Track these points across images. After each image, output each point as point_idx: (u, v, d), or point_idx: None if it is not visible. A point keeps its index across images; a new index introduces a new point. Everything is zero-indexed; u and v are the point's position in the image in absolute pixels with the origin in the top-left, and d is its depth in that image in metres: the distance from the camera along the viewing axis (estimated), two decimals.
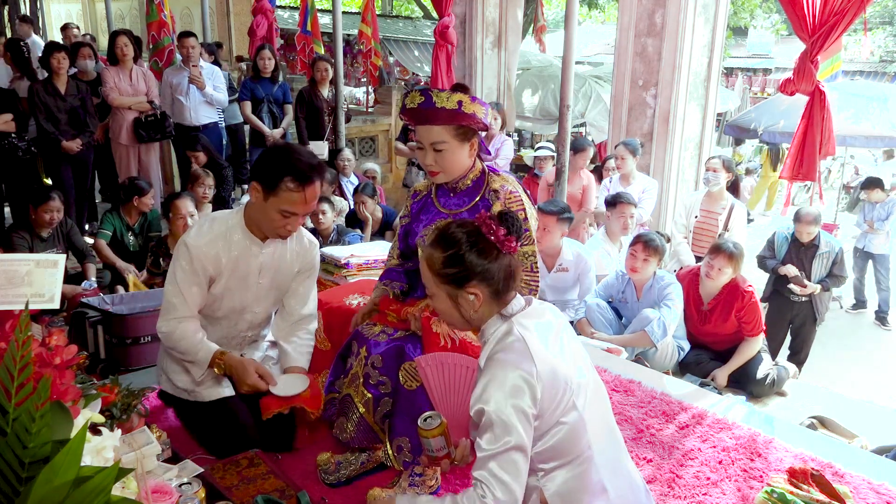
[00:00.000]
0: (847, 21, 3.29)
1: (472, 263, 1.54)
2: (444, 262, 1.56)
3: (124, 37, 5.52)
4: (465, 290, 1.55)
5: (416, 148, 2.17)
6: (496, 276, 1.54)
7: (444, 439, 1.65)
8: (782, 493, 2.05)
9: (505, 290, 1.57)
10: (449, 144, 2.07)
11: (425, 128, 2.08)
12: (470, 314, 1.58)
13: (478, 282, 1.54)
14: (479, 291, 1.55)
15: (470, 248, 1.54)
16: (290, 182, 2.08)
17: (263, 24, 8.04)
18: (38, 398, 0.96)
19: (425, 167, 2.16)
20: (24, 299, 1.50)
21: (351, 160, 6.01)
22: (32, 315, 1.26)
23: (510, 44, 8.14)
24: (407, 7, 21.12)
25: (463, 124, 2.06)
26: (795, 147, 3.59)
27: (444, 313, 1.63)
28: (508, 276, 1.56)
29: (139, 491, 1.40)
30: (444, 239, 1.58)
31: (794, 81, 3.51)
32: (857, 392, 4.43)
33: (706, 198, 4.92)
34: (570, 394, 1.52)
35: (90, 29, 14.33)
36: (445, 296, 1.59)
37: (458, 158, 2.11)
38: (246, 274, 2.30)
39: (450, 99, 2.02)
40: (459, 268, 1.55)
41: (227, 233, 2.25)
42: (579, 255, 4.16)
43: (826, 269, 4.87)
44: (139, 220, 4.68)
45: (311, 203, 2.15)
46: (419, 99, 2.04)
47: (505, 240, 1.54)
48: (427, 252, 1.61)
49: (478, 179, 2.20)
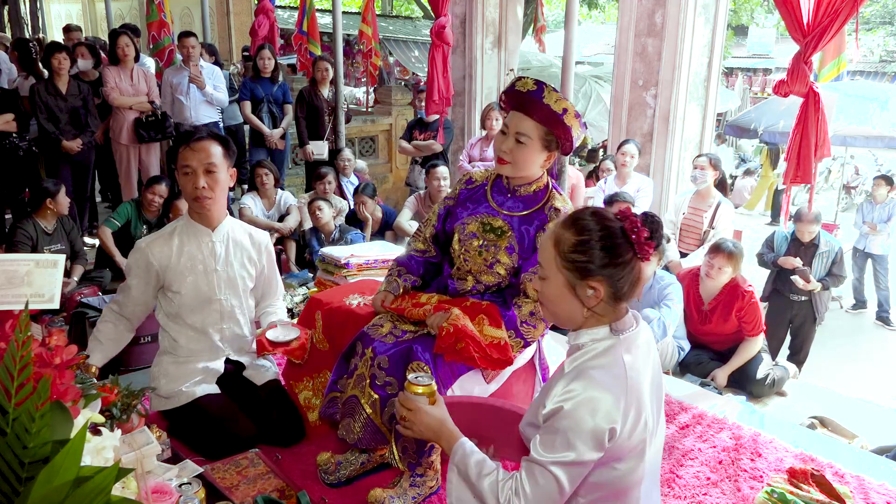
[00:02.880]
0: (841, 22, 3.28)
1: (603, 257, 1.40)
2: (573, 247, 1.42)
3: (125, 37, 5.52)
4: (587, 283, 1.41)
5: (500, 132, 2.15)
6: (623, 278, 1.42)
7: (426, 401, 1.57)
8: (782, 493, 2.06)
9: (626, 296, 1.45)
10: (531, 142, 2.07)
11: (519, 115, 2.07)
12: (580, 310, 1.44)
13: (603, 278, 1.41)
14: (601, 288, 1.41)
15: (605, 241, 1.41)
16: (181, 148, 2.36)
17: (265, 24, 8.03)
18: (38, 398, 0.96)
19: (498, 152, 2.13)
20: (23, 299, 1.50)
21: (351, 160, 6.01)
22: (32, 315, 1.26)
23: (510, 44, 8.13)
24: (407, 7, 21.12)
25: (554, 132, 2.06)
26: (791, 150, 3.58)
27: (552, 301, 1.48)
28: (634, 282, 1.44)
29: (139, 491, 1.40)
30: (580, 223, 1.44)
31: (787, 83, 3.50)
32: (857, 392, 4.43)
33: (694, 196, 4.94)
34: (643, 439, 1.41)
35: (90, 29, 14.33)
36: (563, 282, 1.44)
37: (533, 160, 2.10)
38: (203, 263, 2.44)
39: (559, 102, 2.02)
40: (589, 256, 1.41)
41: (176, 230, 2.46)
42: None
43: (826, 268, 4.87)
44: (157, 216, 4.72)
45: (203, 153, 2.33)
46: (531, 86, 2.04)
47: (645, 243, 1.41)
48: (557, 232, 1.46)
49: (541, 191, 2.19)
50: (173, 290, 2.40)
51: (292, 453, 2.37)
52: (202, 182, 2.33)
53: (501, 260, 2.17)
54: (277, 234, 5.21)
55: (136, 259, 2.40)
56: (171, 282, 2.39)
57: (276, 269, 2.71)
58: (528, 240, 2.14)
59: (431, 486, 2.15)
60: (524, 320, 2.12)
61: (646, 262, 1.45)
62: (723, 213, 4.81)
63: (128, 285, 2.43)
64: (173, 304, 2.42)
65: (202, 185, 2.33)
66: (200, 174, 2.32)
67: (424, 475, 2.12)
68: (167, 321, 2.47)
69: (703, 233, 4.79)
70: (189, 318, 2.44)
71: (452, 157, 7.24)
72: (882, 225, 6.76)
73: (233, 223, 2.53)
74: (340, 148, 6.01)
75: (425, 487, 2.13)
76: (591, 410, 1.32)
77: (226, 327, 2.51)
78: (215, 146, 2.36)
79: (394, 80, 14.51)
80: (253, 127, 6.08)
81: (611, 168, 5.68)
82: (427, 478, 2.13)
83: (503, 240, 2.16)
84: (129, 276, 2.43)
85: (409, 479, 2.11)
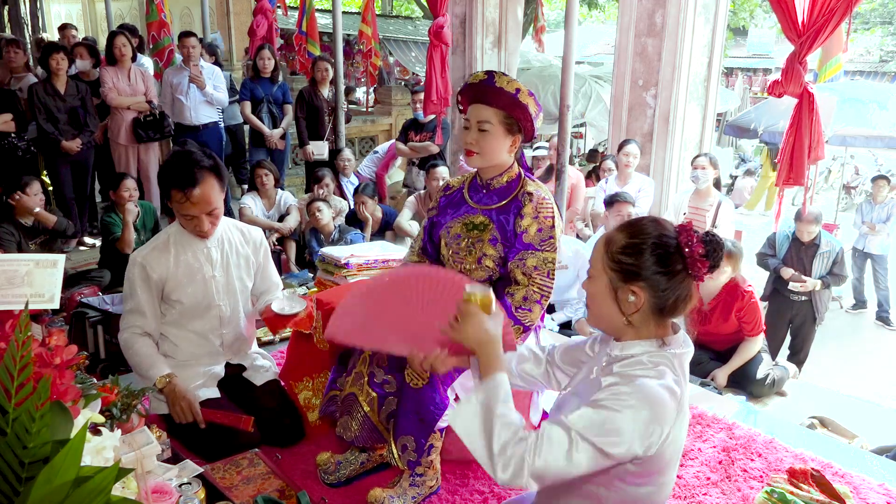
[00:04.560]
0: (836, 22, 3.28)
1: (650, 264, 1.37)
2: (622, 248, 1.39)
3: (122, 37, 5.52)
4: (629, 287, 1.38)
5: (463, 128, 2.23)
6: (668, 290, 1.37)
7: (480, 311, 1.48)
8: (782, 493, 2.06)
9: (669, 312, 1.40)
10: (494, 128, 2.13)
11: (477, 106, 2.15)
12: (619, 316, 1.41)
13: (645, 286, 1.37)
14: (643, 296, 1.37)
15: (657, 249, 1.37)
16: (174, 192, 2.26)
17: (263, 24, 8.03)
18: (38, 398, 0.96)
19: (465, 146, 2.21)
20: (23, 299, 1.50)
21: (351, 160, 6.01)
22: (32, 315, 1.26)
23: (510, 44, 8.14)
24: (407, 7, 21.11)
25: (513, 115, 2.12)
26: (784, 151, 3.57)
27: (594, 300, 1.46)
28: (682, 299, 1.39)
29: (139, 491, 1.40)
30: (635, 227, 1.42)
31: (782, 83, 3.50)
32: (857, 392, 4.43)
33: (694, 195, 4.95)
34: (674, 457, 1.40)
35: (90, 29, 14.32)
36: (606, 283, 1.41)
37: (498, 146, 2.16)
38: (200, 270, 2.42)
39: (510, 83, 2.09)
40: (635, 260, 1.38)
41: (170, 238, 2.41)
42: (578, 252, 4.16)
43: (826, 268, 4.87)
44: (140, 216, 4.68)
45: (204, 203, 2.27)
46: (482, 76, 2.13)
47: (699, 260, 1.36)
48: (611, 233, 1.45)
49: (513, 181, 2.25)
50: (173, 299, 2.39)
51: (292, 453, 2.37)
52: (206, 225, 2.34)
53: (488, 252, 2.21)
54: (277, 234, 5.21)
55: (136, 274, 2.36)
56: (170, 291, 2.39)
57: (273, 263, 2.70)
58: (509, 228, 2.20)
59: (431, 486, 2.15)
60: (518, 306, 2.15)
61: (699, 282, 1.40)
62: (724, 213, 4.82)
63: (137, 304, 2.37)
64: (174, 311, 2.42)
65: (207, 227, 2.34)
66: (204, 218, 2.32)
67: (424, 475, 2.12)
68: (167, 327, 2.45)
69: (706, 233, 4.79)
70: (189, 325, 2.44)
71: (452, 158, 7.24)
72: (881, 225, 6.76)
73: (225, 224, 2.50)
74: (340, 148, 6.01)
75: (425, 487, 2.13)
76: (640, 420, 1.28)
77: (226, 332, 2.50)
78: (211, 186, 2.28)
79: (394, 80, 14.52)
80: (253, 127, 6.08)
81: (611, 168, 5.67)
82: (427, 477, 2.13)
83: (486, 233, 2.22)
84: (134, 292, 2.37)
85: (408, 479, 2.11)
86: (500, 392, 1.39)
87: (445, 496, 2.17)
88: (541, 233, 2.15)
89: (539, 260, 2.14)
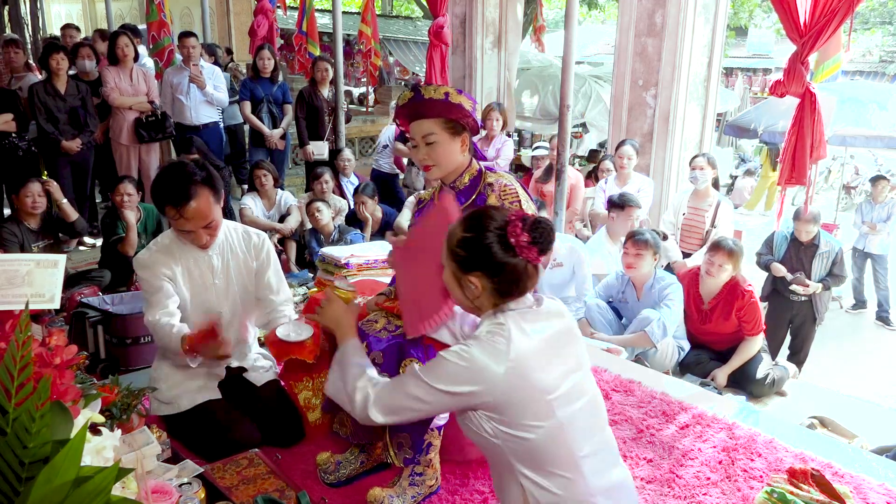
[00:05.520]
0: (837, 22, 3.29)
1: (483, 255, 1.52)
2: (458, 242, 1.56)
3: (125, 37, 5.52)
4: (468, 277, 1.55)
5: (411, 147, 2.24)
6: (503, 277, 1.53)
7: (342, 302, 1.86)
8: (782, 493, 2.05)
9: (509, 292, 1.55)
10: (439, 137, 2.13)
11: (417, 123, 2.15)
12: (465, 300, 1.61)
13: (482, 273, 1.53)
14: (480, 283, 1.54)
15: (486, 241, 1.52)
16: (168, 208, 2.23)
17: (264, 25, 8.04)
18: (38, 398, 0.96)
19: (419, 163, 2.22)
20: (24, 299, 1.50)
21: (351, 160, 6.01)
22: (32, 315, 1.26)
23: (510, 44, 8.14)
24: (407, 7, 21.11)
25: (451, 117, 2.13)
26: (786, 151, 3.58)
27: (448, 286, 1.65)
28: (517, 279, 1.54)
29: (139, 491, 1.40)
30: (471, 220, 1.58)
31: (784, 83, 3.50)
32: (857, 392, 4.43)
33: (693, 195, 4.94)
34: (547, 401, 1.50)
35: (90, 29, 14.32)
36: (451, 273, 1.60)
37: (450, 152, 2.17)
38: (201, 278, 2.39)
39: (437, 90, 2.10)
40: (470, 253, 1.54)
41: (171, 245, 2.37)
42: (572, 248, 4.14)
43: (826, 268, 4.87)
44: (141, 218, 4.67)
45: (199, 218, 2.23)
46: (409, 94, 2.14)
47: (525, 248, 1.51)
48: (452, 227, 1.61)
49: (475, 178, 2.24)
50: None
51: (292, 453, 2.37)
52: (204, 238, 2.31)
53: None
54: (278, 234, 5.21)
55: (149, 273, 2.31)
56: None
57: (280, 273, 2.60)
58: None
59: (431, 486, 2.16)
60: None
61: (536, 262, 1.55)
62: (723, 213, 4.82)
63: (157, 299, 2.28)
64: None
65: (205, 240, 2.31)
66: (201, 232, 2.28)
67: (424, 474, 2.12)
68: None
69: (706, 233, 4.80)
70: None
71: None
72: (881, 225, 6.76)
73: (227, 228, 2.46)
74: (340, 148, 6.01)
75: (425, 486, 2.13)
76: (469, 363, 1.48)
77: (226, 336, 2.49)
78: (206, 199, 2.23)
79: (394, 80, 14.52)
80: (253, 127, 6.08)
81: (610, 168, 5.67)
82: (426, 476, 2.13)
83: None
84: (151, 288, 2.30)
85: (408, 478, 2.11)
86: (351, 350, 1.71)
87: (445, 496, 2.18)
88: None
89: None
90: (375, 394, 1.57)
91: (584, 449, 1.53)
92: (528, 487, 1.51)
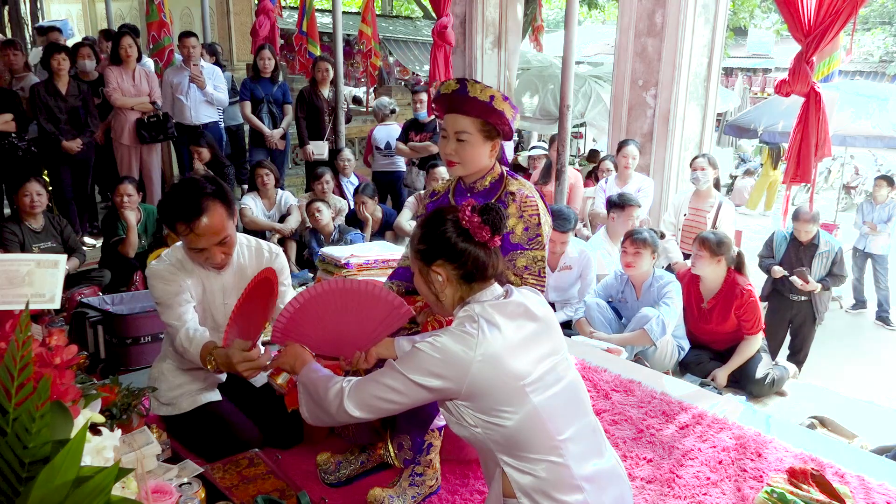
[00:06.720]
0: (842, 21, 3.29)
1: (441, 242, 1.60)
2: (419, 238, 1.66)
3: (128, 37, 5.52)
4: (432, 269, 1.62)
5: (441, 136, 2.19)
6: (465, 260, 1.59)
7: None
8: (782, 493, 2.06)
9: (473, 277, 1.61)
10: (472, 137, 2.10)
11: (453, 116, 2.11)
12: (438, 295, 1.65)
13: (444, 261, 1.61)
14: (444, 272, 1.61)
15: (445, 230, 1.61)
16: (179, 225, 2.10)
17: (266, 25, 8.03)
18: (38, 398, 0.96)
19: (444, 156, 2.18)
20: (24, 299, 1.49)
21: (351, 160, 6.01)
22: (32, 315, 1.26)
23: (510, 44, 8.14)
24: (407, 7, 21.11)
25: (490, 121, 2.09)
26: (792, 149, 3.59)
27: (422, 293, 1.70)
28: (478, 262, 1.60)
29: (139, 491, 1.40)
30: (429, 218, 1.67)
31: (789, 82, 3.51)
32: (857, 392, 4.43)
33: (694, 196, 4.94)
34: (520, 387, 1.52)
35: (90, 29, 14.31)
36: (418, 272, 1.67)
37: (479, 154, 2.14)
38: (211, 296, 2.32)
39: (483, 91, 2.06)
40: (429, 244, 1.63)
41: (183, 260, 2.27)
42: (583, 252, 4.18)
43: (826, 268, 4.87)
44: (142, 220, 4.67)
45: (212, 234, 2.12)
46: (454, 86, 2.09)
47: (478, 229, 1.58)
48: (413, 230, 1.72)
49: (496, 182, 2.21)
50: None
51: (292, 453, 2.37)
52: (219, 256, 2.18)
53: None
54: (278, 234, 5.21)
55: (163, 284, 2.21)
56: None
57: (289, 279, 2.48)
58: None
59: (431, 486, 2.16)
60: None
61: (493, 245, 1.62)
62: (725, 214, 4.81)
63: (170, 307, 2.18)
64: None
65: (220, 258, 2.19)
66: (215, 249, 2.16)
67: (424, 474, 2.12)
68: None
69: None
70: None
71: None
72: (882, 225, 6.76)
73: (239, 244, 2.34)
74: (340, 148, 6.01)
75: (425, 486, 2.13)
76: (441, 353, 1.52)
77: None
78: (219, 213, 2.12)
79: (394, 80, 14.51)
80: (253, 127, 6.08)
81: (610, 168, 5.67)
82: (426, 477, 2.13)
83: None
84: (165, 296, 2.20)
85: (408, 479, 2.12)
86: (312, 369, 1.75)
87: (445, 496, 2.18)
88: (527, 231, 2.13)
89: (529, 259, 2.12)
90: (350, 388, 1.60)
91: (565, 433, 1.54)
92: (509, 473, 1.53)
